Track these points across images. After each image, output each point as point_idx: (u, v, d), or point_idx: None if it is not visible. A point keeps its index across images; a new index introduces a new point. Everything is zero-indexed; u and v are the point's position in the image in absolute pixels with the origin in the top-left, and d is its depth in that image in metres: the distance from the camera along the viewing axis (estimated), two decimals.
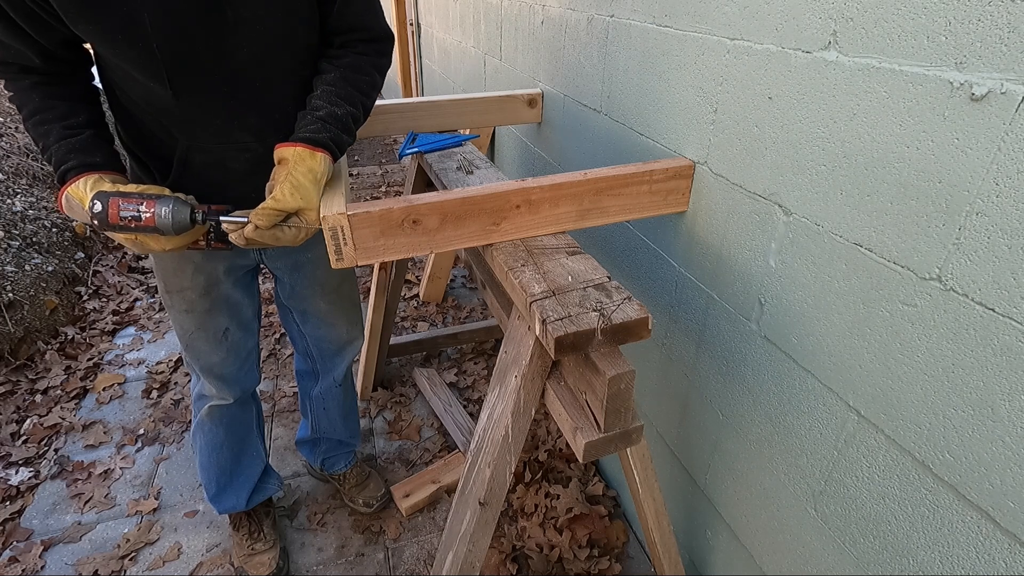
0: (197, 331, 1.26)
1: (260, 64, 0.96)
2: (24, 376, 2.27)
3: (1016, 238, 0.60)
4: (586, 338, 0.78)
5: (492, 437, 0.94)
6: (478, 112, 1.60)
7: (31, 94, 0.92)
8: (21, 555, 1.58)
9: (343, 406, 1.64)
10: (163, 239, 0.91)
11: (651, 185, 1.06)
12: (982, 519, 0.68)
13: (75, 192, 0.89)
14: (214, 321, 1.26)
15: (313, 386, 1.59)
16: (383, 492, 1.74)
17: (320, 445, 1.70)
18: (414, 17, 3.72)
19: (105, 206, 0.86)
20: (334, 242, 0.88)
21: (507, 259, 0.95)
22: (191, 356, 1.31)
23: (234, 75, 0.95)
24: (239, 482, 1.52)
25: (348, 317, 1.46)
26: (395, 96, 5.46)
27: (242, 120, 0.99)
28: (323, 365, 1.54)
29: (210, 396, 1.38)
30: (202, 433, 1.44)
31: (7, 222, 2.76)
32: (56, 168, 0.91)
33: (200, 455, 1.48)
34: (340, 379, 1.58)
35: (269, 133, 1.00)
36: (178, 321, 1.26)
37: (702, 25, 1.00)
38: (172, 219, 0.88)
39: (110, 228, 0.87)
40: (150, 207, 0.87)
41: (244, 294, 1.29)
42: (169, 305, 1.24)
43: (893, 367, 0.77)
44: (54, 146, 0.91)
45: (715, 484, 1.24)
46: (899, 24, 0.67)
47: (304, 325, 1.45)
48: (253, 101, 0.98)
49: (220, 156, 1.02)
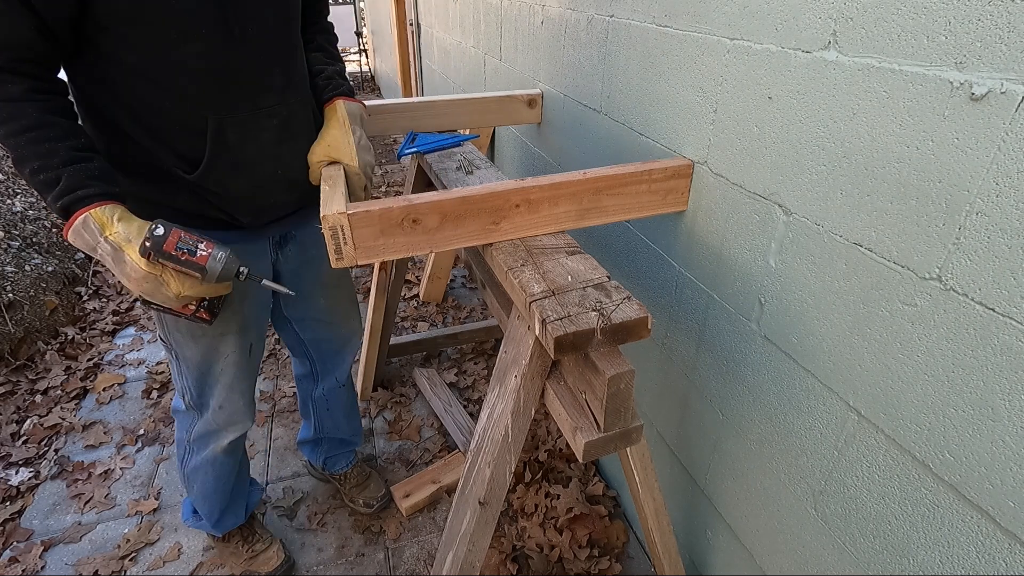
0: (232, 354, 1.19)
1: (287, 21, 1.05)
2: (24, 376, 2.27)
3: (1016, 238, 0.60)
4: (586, 338, 0.78)
5: (492, 437, 0.94)
6: (478, 112, 1.60)
7: (24, 107, 0.84)
8: (21, 555, 1.58)
9: (346, 405, 1.64)
10: (190, 283, 0.92)
11: (650, 184, 1.06)
12: (982, 519, 0.68)
13: (99, 217, 0.86)
14: (246, 338, 1.21)
15: (314, 389, 1.59)
16: (383, 492, 1.74)
17: (322, 445, 1.70)
18: (414, 17, 3.71)
19: (167, 231, 0.88)
20: (334, 241, 0.88)
21: (507, 259, 0.95)
22: (212, 388, 1.22)
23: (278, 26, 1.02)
24: (239, 499, 1.52)
25: (347, 315, 1.47)
26: (395, 96, 5.46)
27: (271, 77, 1.03)
28: (323, 367, 1.53)
29: (222, 429, 1.30)
30: (213, 469, 1.37)
31: (7, 222, 2.76)
32: (67, 192, 0.85)
33: (204, 488, 1.41)
34: (344, 379, 1.58)
35: (289, 94, 1.07)
36: (212, 350, 1.17)
37: (702, 25, 1.00)
38: (223, 265, 0.92)
39: (160, 254, 0.88)
40: (208, 247, 0.91)
41: (266, 296, 1.27)
42: (199, 335, 1.14)
43: (893, 367, 0.77)
44: (64, 168, 0.85)
45: (715, 484, 1.24)
46: (899, 24, 0.67)
47: (304, 332, 1.43)
48: (280, 56, 1.05)
49: (252, 126, 1.02)
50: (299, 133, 1.11)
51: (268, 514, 1.72)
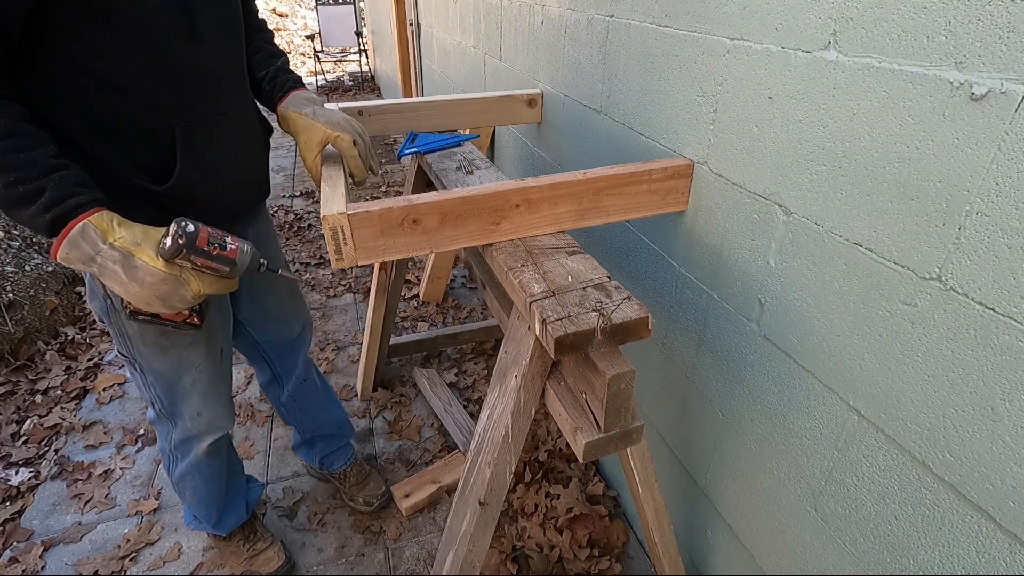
0: (204, 363, 1.18)
1: (236, 26, 1.07)
2: (24, 376, 2.27)
3: (1016, 238, 0.60)
4: (586, 338, 0.78)
5: (492, 437, 0.94)
6: (478, 112, 1.60)
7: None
8: (21, 555, 1.58)
9: (317, 400, 1.62)
10: (210, 280, 0.91)
11: (650, 184, 1.06)
12: (982, 519, 0.68)
13: (99, 223, 0.82)
14: (215, 344, 1.20)
15: (281, 393, 1.57)
16: (383, 491, 1.74)
17: (315, 444, 1.70)
18: (414, 17, 3.72)
19: (197, 227, 0.86)
20: (334, 242, 0.88)
21: (507, 259, 0.95)
22: (185, 398, 1.20)
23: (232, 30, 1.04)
24: (237, 498, 1.51)
25: (294, 308, 1.47)
26: (395, 96, 5.46)
27: (227, 82, 1.05)
28: (283, 367, 1.52)
29: (202, 434, 1.28)
30: (199, 472, 1.36)
31: (7, 222, 2.76)
32: (55, 202, 0.79)
33: (196, 493, 1.40)
34: (303, 374, 1.55)
35: (240, 97, 1.10)
36: (181, 361, 1.15)
37: (702, 25, 1.00)
38: (249, 257, 0.93)
39: (193, 251, 0.86)
40: (235, 241, 0.92)
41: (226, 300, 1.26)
42: (167, 347, 1.12)
43: (893, 367, 0.77)
44: (47, 178, 0.79)
45: (715, 484, 1.24)
46: (899, 24, 0.67)
47: (258, 333, 1.42)
48: (233, 61, 1.07)
49: (214, 132, 1.03)
50: (251, 136, 1.15)
51: (268, 514, 1.72)
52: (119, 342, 1.12)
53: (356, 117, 1.44)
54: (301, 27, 11.89)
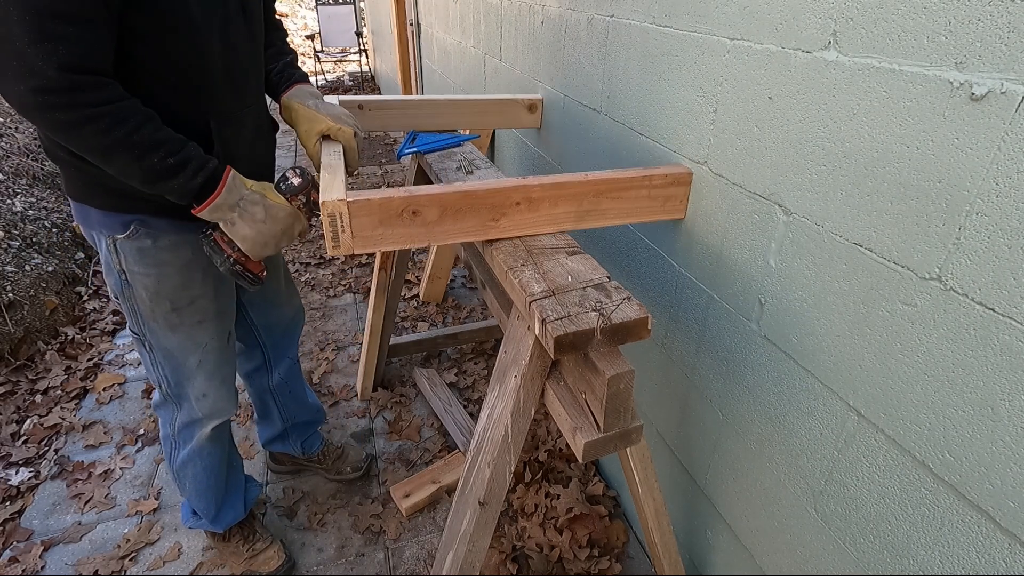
0: (211, 342, 1.21)
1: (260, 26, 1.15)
2: (24, 376, 2.27)
3: (1016, 238, 0.60)
4: (585, 338, 0.78)
5: (492, 437, 0.94)
6: (478, 114, 1.60)
7: (129, 105, 0.88)
8: (21, 555, 1.58)
9: (303, 383, 1.70)
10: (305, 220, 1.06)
11: (650, 190, 1.06)
12: (982, 519, 0.68)
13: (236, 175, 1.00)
14: (224, 325, 1.24)
15: (269, 378, 1.60)
16: (364, 455, 1.82)
17: (290, 435, 1.73)
18: (414, 17, 3.72)
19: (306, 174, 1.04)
20: (332, 228, 0.88)
21: (507, 259, 0.95)
22: (191, 378, 1.23)
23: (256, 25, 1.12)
24: (235, 493, 1.51)
25: (290, 293, 1.53)
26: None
27: (251, 76, 1.13)
28: (276, 352, 1.57)
29: (206, 417, 1.31)
30: (200, 459, 1.38)
31: (7, 222, 2.76)
32: (204, 164, 0.95)
33: (196, 482, 1.41)
34: (295, 355, 1.64)
35: (259, 92, 1.19)
36: (189, 339, 1.19)
37: (702, 25, 1.00)
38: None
39: (316, 188, 1.02)
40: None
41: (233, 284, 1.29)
42: (176, 325, 1.16)
43: (893, 367, 0.77)
44: (187, 148, 0.94)
45: (715, 484, 1.24)
46: (899, 24, 0.67)
47: (258, 316, 1.46)
48: (255, 56, 1.15)
49: (239, 125, 1.11)
50: (265, 131, 1.23)
51: (268, 514, 1.72)
52: (131, 319, 1.17)
53: (356, 111, 1.44)
54: (301, 27, 11.89)
